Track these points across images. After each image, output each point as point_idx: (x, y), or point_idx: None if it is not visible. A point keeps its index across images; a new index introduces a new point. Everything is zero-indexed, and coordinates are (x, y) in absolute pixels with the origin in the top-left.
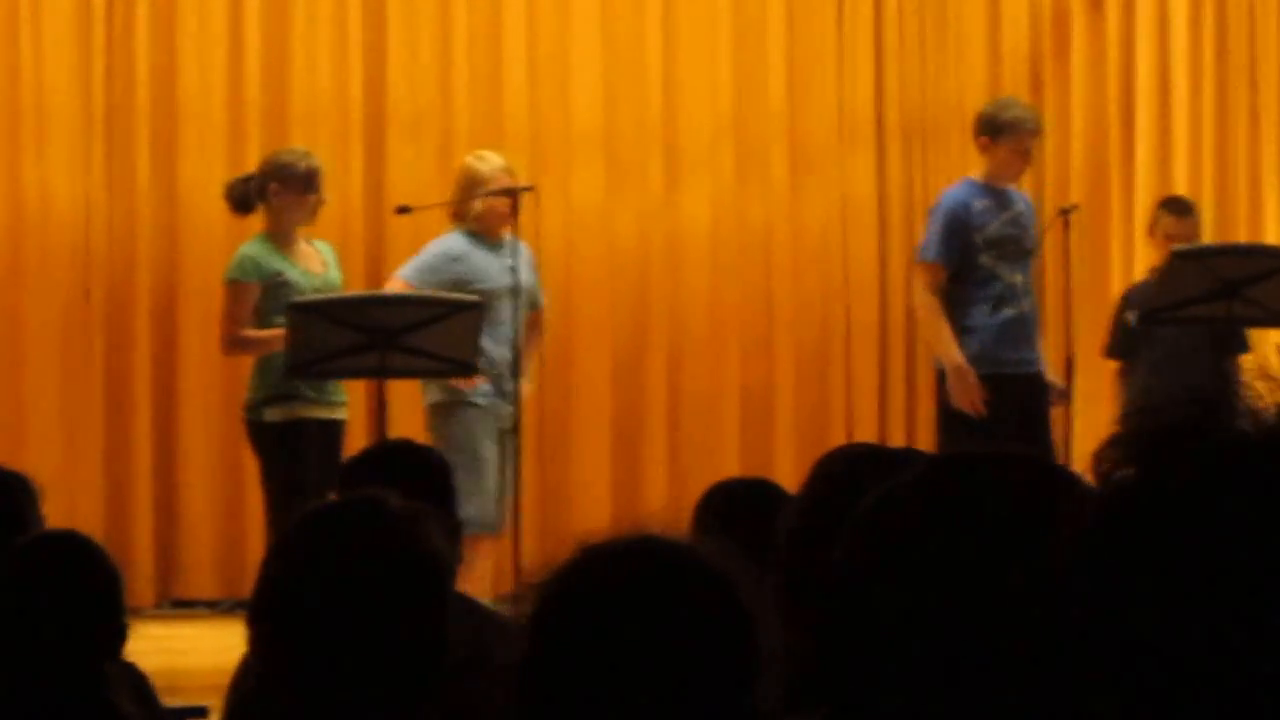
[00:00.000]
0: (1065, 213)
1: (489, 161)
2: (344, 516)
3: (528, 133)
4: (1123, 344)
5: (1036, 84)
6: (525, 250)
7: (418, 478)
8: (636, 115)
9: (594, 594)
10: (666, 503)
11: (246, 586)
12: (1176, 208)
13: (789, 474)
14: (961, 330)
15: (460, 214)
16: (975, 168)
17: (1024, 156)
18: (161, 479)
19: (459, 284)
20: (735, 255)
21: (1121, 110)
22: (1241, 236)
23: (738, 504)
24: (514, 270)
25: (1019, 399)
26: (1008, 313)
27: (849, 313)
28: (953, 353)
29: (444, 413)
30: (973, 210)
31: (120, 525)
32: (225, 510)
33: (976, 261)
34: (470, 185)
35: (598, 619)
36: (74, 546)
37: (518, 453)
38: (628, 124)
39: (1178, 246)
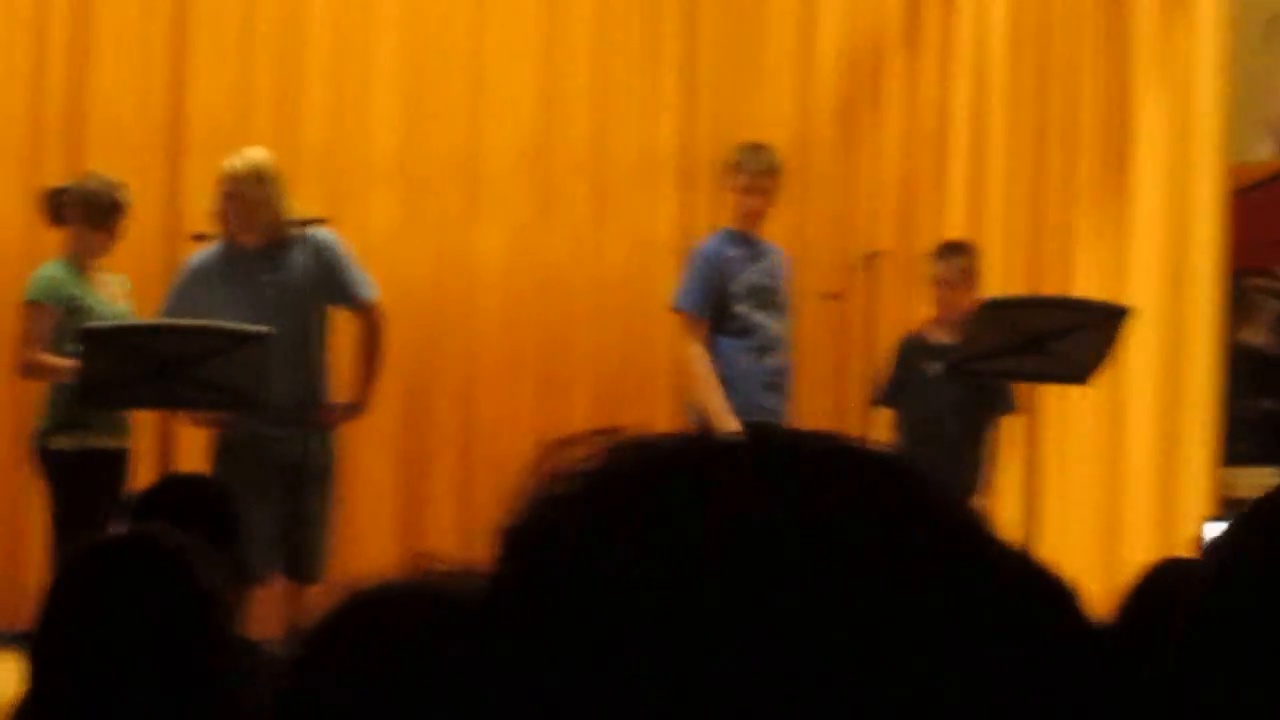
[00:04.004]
0: (871, 258)
1: (225, 160)
2: (118, 552)
3: (326, 158)
4: (897, 392)
5: (848, 122)
6: (324, 239)
7: (203, 514)
8: (436, 144)
9: (353, 640)
10: (454, 547)
11: (25, 617)
12: (940, 250)
13: None
14: (725, 379)
15: None
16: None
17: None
18: None
19: (197, 302)
20: (532, 290)
21: (933, 153)
22: (1052, 287)
23: None
24: (268, 284)
25: None
26: (770, 362)
27: (647, 354)
28: (724, 417)
29: (215, 446)
30: (725, 256)
31: None
32: (7, 537)
33: (733, 310)
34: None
35: (356, 666)
36: None
37: (316, 489)
38: (427, 152)
39: (987, 297)
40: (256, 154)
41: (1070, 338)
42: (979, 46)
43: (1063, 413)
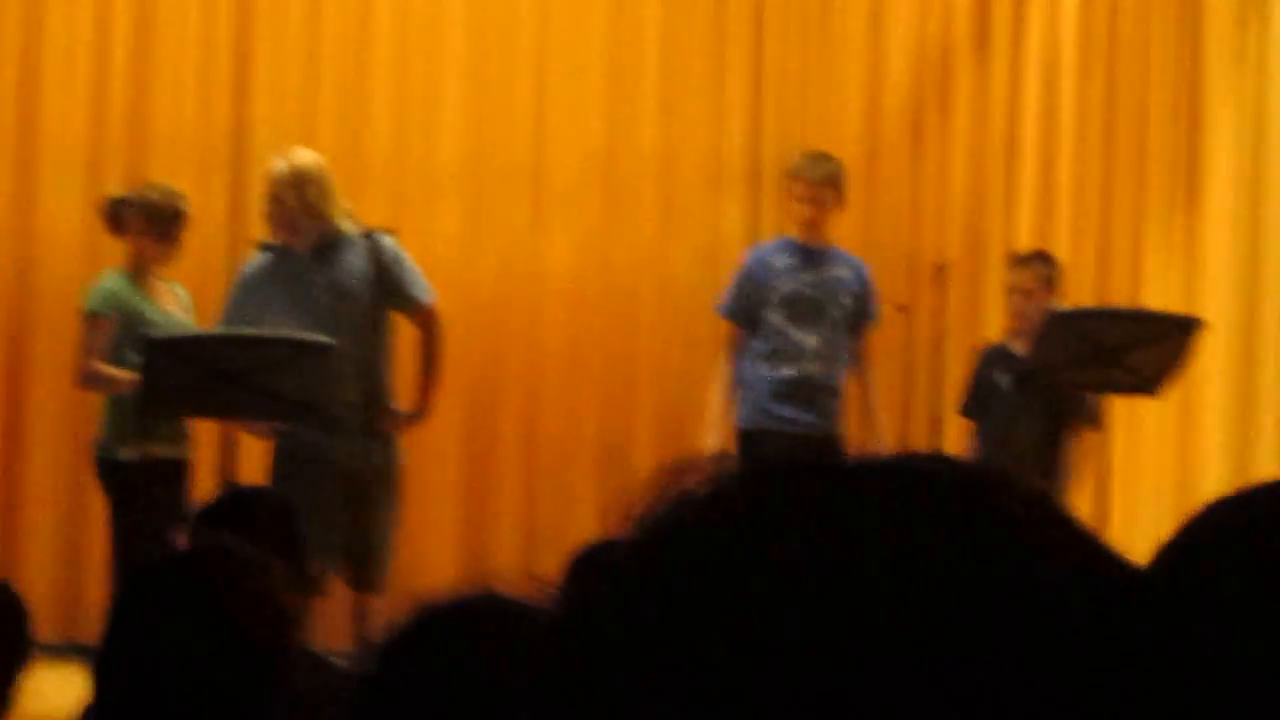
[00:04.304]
0: (940, 269)
1: (272, 161)
2: (192, 565)
3: (390, 166)
4: (977, 403)
5: (917, 131)
6: (380, 242)
7: (268, 526)
8: (502, 151)
9: (431, 655)
10: (519, 556)
11: (86, 629)
12: (1015, 259)
13: None
14: (742, 385)
15: None
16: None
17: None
18: (3, 515)
19: (252, 309)
20: (598, 299)
21: (1005, 161)
22: (1123, 298)
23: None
24: (322, 284)
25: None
26: (786, 371)
27: (714, 362)
28: (707, 428)
29: (274, 455)
30: (771, 267)
31: None
32: (67, 549)
33: (765, 317)
34: None
35: (434, 680)
36: None
37: (378, 497)
38: (493, 160)
39: (1056, 308)
40: (300, 156)
41: (1142, 349)
42: (1048, 53)
43: (1133, 424)
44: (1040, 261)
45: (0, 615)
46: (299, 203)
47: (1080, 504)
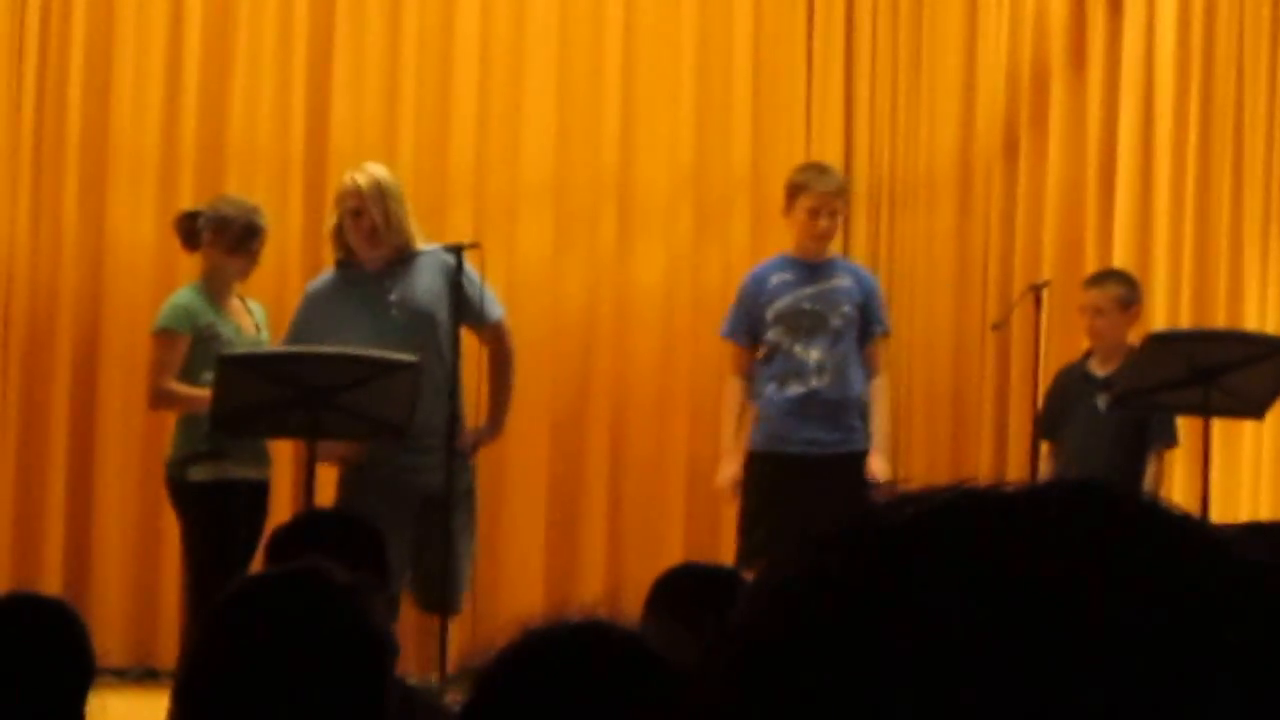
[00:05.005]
0: (1036, 289)
1: (346, 176)
2: (284, 588)
3: (474, 182)
4: (1054, 423)
5: (1011, 150)
6: (448, 258)
7: (350, 549)
8: (590, 166)
9: (539, 681)
10: (605, 581)
11: (159, 654)
12: (1090, 278)
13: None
14: (759, 408)
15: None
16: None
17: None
18: (73, 537)
19: (321, 327)
20: (689, 317)
21: (1100, 180)
22: (1221, 319)
23: (694, 590)
24: (394, 303)
25: (812, 481)
26: (794, 390)
27: None
28: (725, 455)
29: (342, 477)
30: (767, 284)
31: (26, 584)
32: (139, 572)
33: (766, 336)
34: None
35: (543, 707)
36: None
37: (453, 517)
38: (580, 175)
39: (1155, 330)
40: (377, 169)
41: (1244, 371)
42: (1144, 71)
43: (1229, 450)
44: (1114, 281)
45: (61, 635)
46: (382, 216)
47: None
